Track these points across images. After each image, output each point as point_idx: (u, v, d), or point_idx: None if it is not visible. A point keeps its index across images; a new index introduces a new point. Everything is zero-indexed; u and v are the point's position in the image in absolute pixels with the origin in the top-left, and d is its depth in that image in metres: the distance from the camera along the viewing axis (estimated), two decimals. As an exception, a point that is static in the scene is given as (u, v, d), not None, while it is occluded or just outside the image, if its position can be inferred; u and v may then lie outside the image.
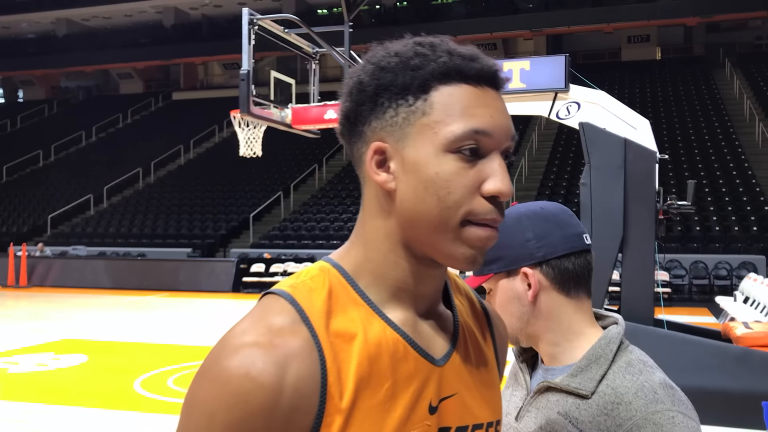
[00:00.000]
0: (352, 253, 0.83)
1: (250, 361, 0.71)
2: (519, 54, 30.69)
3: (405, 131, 0.77)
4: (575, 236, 1.13)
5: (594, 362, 1.08)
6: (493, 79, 0.80)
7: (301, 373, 0.73)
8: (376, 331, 0.78)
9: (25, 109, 38.28)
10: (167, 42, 34.18)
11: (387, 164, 0.79)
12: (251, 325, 0.75)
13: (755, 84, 27.37)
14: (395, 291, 0.81)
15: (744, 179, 20.22)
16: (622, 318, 1.17)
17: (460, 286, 0.96)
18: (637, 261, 5.91)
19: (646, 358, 1.10)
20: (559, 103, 6.36)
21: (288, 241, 20.80)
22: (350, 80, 0.82)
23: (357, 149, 0.82)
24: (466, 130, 0.76)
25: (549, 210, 1.15)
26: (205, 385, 0.73)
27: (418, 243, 0.79)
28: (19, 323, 11.93)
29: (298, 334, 0.75)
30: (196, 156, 29.74)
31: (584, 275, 1.13)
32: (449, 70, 0.77)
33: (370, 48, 0.83)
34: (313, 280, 0.80)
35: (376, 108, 0.79)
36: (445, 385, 0.82)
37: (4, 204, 27.26)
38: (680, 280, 15.82)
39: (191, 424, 0.73)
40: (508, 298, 1.14)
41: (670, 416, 1.00)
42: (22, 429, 5.59)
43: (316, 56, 7.91)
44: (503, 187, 0.77)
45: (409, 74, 0.78)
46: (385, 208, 0.80)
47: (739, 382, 5.31)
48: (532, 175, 22.80)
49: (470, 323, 0.92)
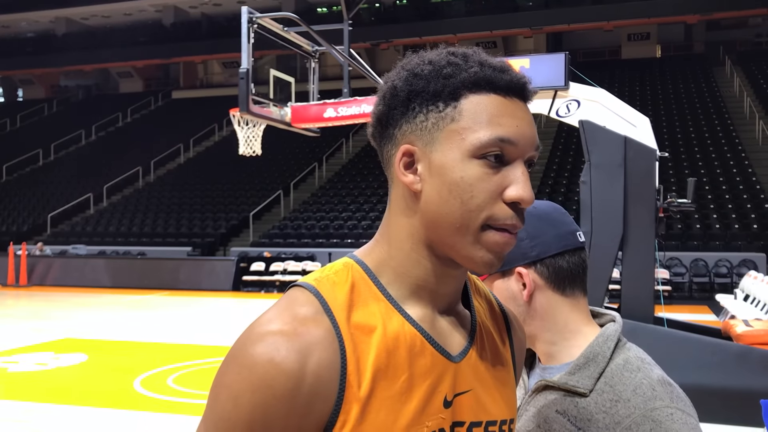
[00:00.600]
0: (376, 250, 0.87)
1: (275, 348, 0.76)
2: (519, 52, 30.65)
3: (434, 136, 0.81)
4: (569, 234, 1.13)
5: (592, 360, 1.07)
6: (521, 91, 0.84)
7: (322, 361, 0.77)
8: (394, 326, 0.82)
9: (25, 108, 38.26)
10: (167, 40, 34.14)
11: (415, 166, 0.83)
12: (277, 314, 0.80)
13: (755, 82, 27.35)
14: (415, 288, 0.85)
15: (744, 177, 20.22)
16: (621, 316, 1.16)
17: (480, 289, 0.99)
18: (637, 259, 5.91)
19: (644, 356, 1.10)
20: (559, 101, 6.35)
21: (288, 239, 20.80)
22: (384, 85, 0.86)
23: (387, 151, 0.86)
24: (491, 138, 0.79)
25: (541, 209, 1.15)
26: (232, 369, 0.77)
27: (439, 243, 0.83)
28: (19, 322, 11.93)
29: (321, 324, 0.79)
30: (195, 155, 29.74)
31: (579, 273, 1.13)
32: (480, 79, 0.81)
33: (405, 56, 0.88)
34: (337, 274, 0.84)
35: (408, 112, 0.83)
36: (461, 380, 0.85)
37: (4, 203, 27.26)
38: (680, 278, 15.82)
39: (218, 406, 0.77)
40: (504, 298, 1.14)
41: (668, 413, 0.99)
42: (22, 428, 5.59)
43: (316, 54, 7.91)
44: (525, 194, 0.80)
45: (441, 82, 0.82)
46: (411, 208, 0.84)
47: (739, 380, 5.31)
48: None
49: (488, 324, 0.94)
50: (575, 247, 1.13)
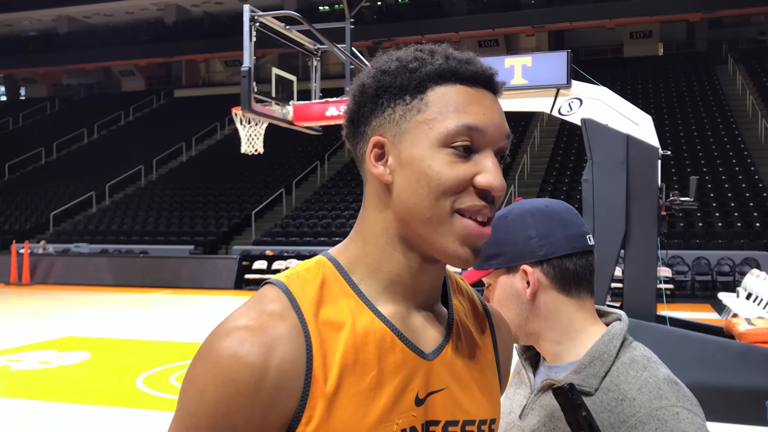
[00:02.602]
0: (350, 247, 0.87)
1: (239, 342, 0.76)
2: (521, 50, 30.63)
3: (402, 127, 0.82)
4: (579, 236, 1.12)
5: (597, 359, 1.07)
6: (488, 82, 0.84)
7: (287, 356, 0.77)
8: (364, 322, 0.81)
9: (27, 106, 38.29)
10: (169, 39, 34.16)
11: (385, 158, 0.83)
12: (246, 310, 0.80)
13: (758, 80, 27.29)
14: (389, 284, 0.84)
15: (747, 175, 20.19)
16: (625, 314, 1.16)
17: (462, 287, 0.97)
18: (639, 257, 5.89)
19: (650, 354, 1.09)
20: (561, 100, 6.34)
21: (290, 238, 20.81)
22: (354, 85, 0.87)
23: (359, 149, 0.86)
24: (458, 126, 0.79)
25: (553, 208, 1.14)
26: (199, 364, 0.78)
27: (414, 237, 0.82)
28: (22, 321, 11.95)
29: (287, 319, 0.79)
30: (197, 153, 29.75)
31: (585, 276, 1.12)
32: (445, 71, 0.82)
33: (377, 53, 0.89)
34: (308, 271, 0.84)
35: (377, 108, 0.84)
36: (434, 378, 0.84)
37: (7, 202, 27.29)
38: (683, 276, 15.80)
39: (186, 400, 0.78)
40: (507, 294, 1.13)
41: (674, 412, 0.99)
42: (24, 426, 5.60)
43: (318, 53, 7.90)
44: (495, 182, 0.79)
45: (407, 76, 0.82)
46: (383, 201, 0.84)
47: (741, 379, 5.30)
48: (534, 172, 22.77)
49: (467, 322, 0.93)
50: (584, 249, 1.12)
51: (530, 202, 1.16)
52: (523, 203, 1.16)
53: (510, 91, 6.29)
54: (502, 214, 1.15)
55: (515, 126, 25.97)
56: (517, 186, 21.00)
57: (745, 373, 5.33)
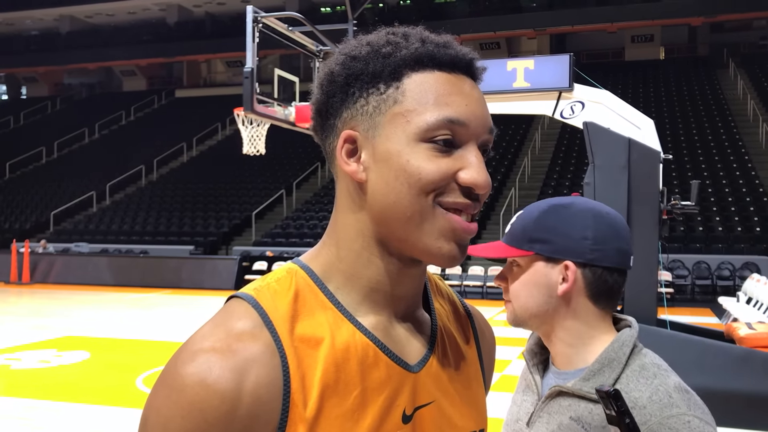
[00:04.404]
0: (323, 253, 0.79)
1: (207, 368, 0.68)
2: (522, 53, 30.64)
3: (376, 120, 0.75)
4: (627, 254, 1.12)
5: (607, 366, 1.06)
6: (468, 67, 0.77)
7: (261, 380, 0.69)
8: (344, 336, 0.74)
9: (28, 106, 38.30)
10: (170, 39, 34.19)
11: (358, 154, 0.76)
12: (211, 329, 0.72)
13: (759, 84, 27.30)
14: (368, 292, 0.77)
15: (747, 179, 20.19)
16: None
17: (442, 289, 0.91)
18: (639, 261, 5.88)
19: (660, 362, 1.09)
20: (563, 103, 6.34)
21: (290, 239, 20.81)
22: (321, 73, 0.79)
23: (329, 144, 0.78)
24: (439, 119, 0.72)
25: (615, 218, 1.12)
26: (161, 392, 0.70)
27: (392, 239, 0.75)
28: (22, 320, 11.94)
29: (260, 338, 0.71)
30: (198, 154, 29.76)
31: (617, 293, 1.12)
32: (422, 56, 0.75)
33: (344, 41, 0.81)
34: (279, 282, 0.76)
35: (347, 99, 0.76)
36: (421, 392, 0.78)
37: (7, 201, 27.29)
38: (683, 280, 15.79)
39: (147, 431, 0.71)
40: (536, 281, 1.11)
41: (685, 421, 0.98)
42: (24, 425, 5.59)
43: (320, 54, 7.90)
44: (479, 179, 0.73)
45: (380, 62, 0.75)
46: (357, 202, 0.76)
47: (741, 383, 5.30)
48: (535, 175, 22.77)
49: (451, 328, 0.87)
50: (625, 268, 1.12)
51: (593, 202, 1.14)
52: (587, 201, 1.14)
53: (512, 94, 6.29)
54: (563, 204, 1.12)
55: (516, 129, 25.98)
56: (518, 189, 20.99)
57: (746, 378, 5.33)
